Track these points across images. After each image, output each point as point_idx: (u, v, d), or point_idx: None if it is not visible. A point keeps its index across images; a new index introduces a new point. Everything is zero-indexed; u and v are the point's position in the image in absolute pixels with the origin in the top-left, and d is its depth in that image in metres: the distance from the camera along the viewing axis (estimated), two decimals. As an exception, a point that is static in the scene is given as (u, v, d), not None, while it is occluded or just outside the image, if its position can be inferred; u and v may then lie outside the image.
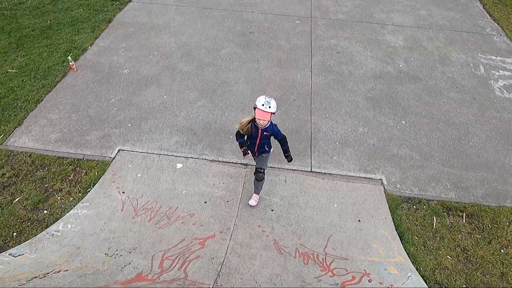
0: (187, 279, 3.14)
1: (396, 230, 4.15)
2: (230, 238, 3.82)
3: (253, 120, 3.77)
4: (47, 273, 2.83)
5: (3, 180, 4.56)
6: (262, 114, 3.57)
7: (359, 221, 4.17)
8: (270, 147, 4.11)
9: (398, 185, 4.67)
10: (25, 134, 5.06)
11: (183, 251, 3.57)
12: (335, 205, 4.34)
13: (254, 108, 3.61)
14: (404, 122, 5.48)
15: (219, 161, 4.83)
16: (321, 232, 4.00)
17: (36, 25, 7.09)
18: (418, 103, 5.81)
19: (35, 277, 2.71)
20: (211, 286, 3.11)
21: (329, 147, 5.07)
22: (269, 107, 3.57)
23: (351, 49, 6.84)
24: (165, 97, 5.71)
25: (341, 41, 7.04)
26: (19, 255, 3.22)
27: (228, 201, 4.33)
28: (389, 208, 4.39)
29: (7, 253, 3.25)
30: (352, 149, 5.06)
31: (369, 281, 3.42)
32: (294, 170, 4.76)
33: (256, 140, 3.88)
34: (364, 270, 3.54)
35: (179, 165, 4.75)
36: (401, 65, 6.53)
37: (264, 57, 6.54)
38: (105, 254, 3.44)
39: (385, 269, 3.56)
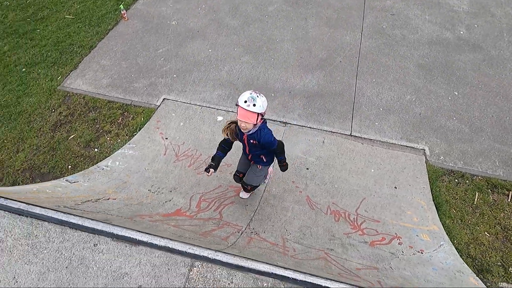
0: (222, 220, 3.34)
1: (434, 200, 4.04)
2: (264, 190, 3.94)
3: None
4: (98, 199, 3.14)
5: (60, 118, 4.95)
6: (244, 114, 2.74)
7: (395, 188, 4.10)
8: (269, 161, 3.25)
9: (442, 157, 4.49)
10: (80, 77, 5.39)
11: (219, 196, 3.76)
12: (372, 170, 4.28)
13: (237, 106, 2.80)
14: (456, 93, 5.14)
15: (258, 117, 4.86)
16: (354, 194, 4.00)
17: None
18: (475, 74, 5.39)
19: (88, 201, 3.02)
20: (244, 228, 3.29)
21: (371, 113, 4.92)
22: (253, 105, 2.70)
23: (407, 12, 6.38)
24: (210, 50, 5.75)
25: (398, 2, 6.56)
26: (74, 182, 3.57)
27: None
28: (429, 178, 4.26)
29: (64, 179, 3.63)
30: (396, 117, 4.88)
31: (399, 243, 3.42)
32: (333, 132, 4.71)
33: (245, 148, 3.15)
34: (395, 234, 3.54)
35: (219, 118, 4.86)
36: (461, 32, 6.01)
37: (313, 16, 6.30)
38: (148, 190, 3.72)
39: (417, 235, 3.53)
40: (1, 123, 4.83)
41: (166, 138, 4.58)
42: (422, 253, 3.33)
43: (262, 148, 3.04)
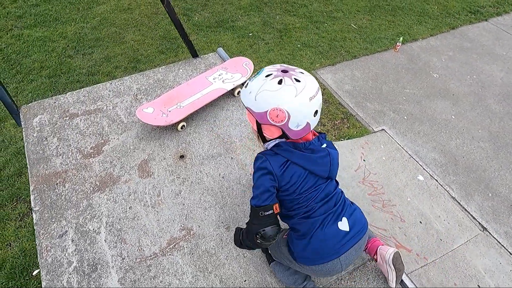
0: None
1: None
2: (422, 265, 3.69)
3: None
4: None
5: (298, 93, 5.87)
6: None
7: None
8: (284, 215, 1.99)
9: None
10: (331, 73, 6.18)
11: (380, 237, 3.75)
12: None
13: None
14: None
15: (459, 203, 4.46)
16: None
17: (406, 1, 8.01)
18: None
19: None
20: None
21: None
22: (245, 87, 1.68)
23: None
24: (452, 117, 5.53)
25: None
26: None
27: (441, 240, 4.06)
28: None
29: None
30: None
31: None
32: (536, 278, 3.85)
33: None
34: None
35: (420, 177, 4.72)
36: None
37: None
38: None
39: None
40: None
41: (363, 160, 4.81)
42: None
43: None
